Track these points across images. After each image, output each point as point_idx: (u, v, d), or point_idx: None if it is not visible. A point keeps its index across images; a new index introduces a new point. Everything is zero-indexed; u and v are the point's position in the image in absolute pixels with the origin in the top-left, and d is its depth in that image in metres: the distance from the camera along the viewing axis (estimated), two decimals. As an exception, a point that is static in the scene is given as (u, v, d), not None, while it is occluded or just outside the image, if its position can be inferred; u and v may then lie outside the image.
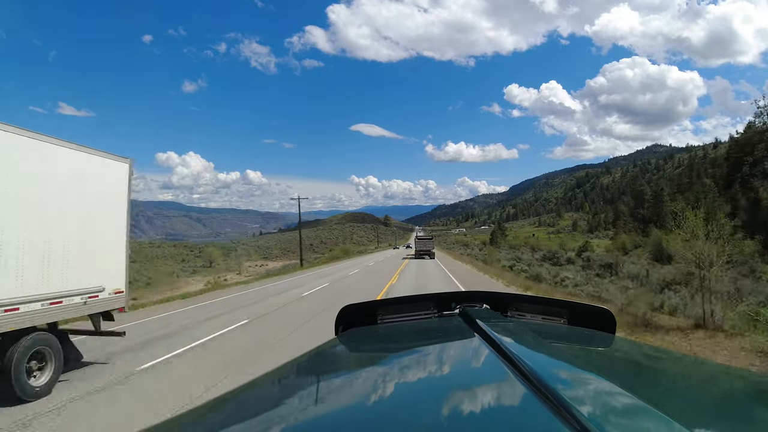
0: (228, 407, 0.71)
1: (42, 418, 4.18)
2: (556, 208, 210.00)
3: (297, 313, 10.41)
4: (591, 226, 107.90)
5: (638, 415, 0.51)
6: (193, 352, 6.79)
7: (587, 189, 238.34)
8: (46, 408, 4.40)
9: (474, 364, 0.82)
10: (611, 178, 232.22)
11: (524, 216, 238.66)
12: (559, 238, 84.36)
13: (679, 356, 1.18)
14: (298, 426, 0.58)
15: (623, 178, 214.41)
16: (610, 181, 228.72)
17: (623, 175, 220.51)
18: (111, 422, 4.18)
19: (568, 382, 0.61)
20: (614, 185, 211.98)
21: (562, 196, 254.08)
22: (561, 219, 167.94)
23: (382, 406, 0.64)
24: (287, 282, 19.95)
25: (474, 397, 0.63)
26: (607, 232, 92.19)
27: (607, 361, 0.93)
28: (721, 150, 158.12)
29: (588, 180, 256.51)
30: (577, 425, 0.46)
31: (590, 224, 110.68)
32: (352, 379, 0.82)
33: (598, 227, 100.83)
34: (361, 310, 1.28)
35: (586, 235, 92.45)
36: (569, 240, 75.44)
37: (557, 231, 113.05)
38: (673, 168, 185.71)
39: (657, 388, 0.73)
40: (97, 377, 5.42)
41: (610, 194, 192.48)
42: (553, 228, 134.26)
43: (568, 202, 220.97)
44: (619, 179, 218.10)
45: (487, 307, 1.22)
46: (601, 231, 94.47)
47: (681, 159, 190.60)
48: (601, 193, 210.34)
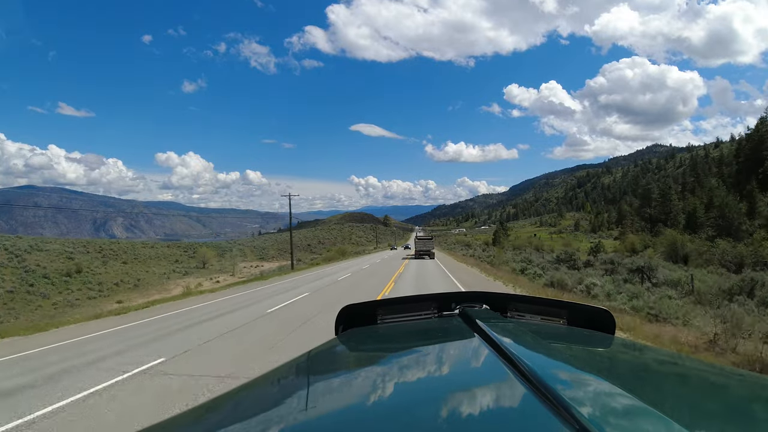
0: (227, 407, 0.71)
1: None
2: (557, 207, 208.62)
3: (233, 349, 6.78)
4: (594, 225, 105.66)
5: (638, 416, 0.51)
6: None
7: (588, 189, 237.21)
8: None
9: (474, 365, 0.83)
10: (612, 178, 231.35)
11: (525, 216, 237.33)
12: (561, 238, 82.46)
13: (678, 357, 1.19)
14: (297, 426, 0.58)
15: (624, 177, 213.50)
16: (611, 180, 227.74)
17: (624, 174, 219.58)
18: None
19: (567, 382, 0.61)
20: (615, 185, 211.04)
21: (562, 195, 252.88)
22: (563, 219, 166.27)
23: (382, 407, 0.64)
24: (265, 290, 17.15)
25: (474, 397, 0.63)
26: (610, 231, 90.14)
27: (607, 362, 0.93)
28: (724, 149, 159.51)
29: (589, 180, 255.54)
30: (576, 426, 0.46)
31: (593, 224, 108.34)
32: (351, 379, 0.82)
33: (601, 227, 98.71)
34: (361, 310, 1.28)
35: (589, 235, 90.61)
36: (572, 240, 73.55)
37: (559, 231, 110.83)
38: (674, 168, 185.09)
39: (656, 389, 0.73)
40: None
41: (612, 194, 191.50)
42: (555, 228, 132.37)
43: (569, 202, 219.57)
44: (620, 179, 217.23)
45: (486, 308, 1.23)
46: (605, 231, 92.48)
47: (682, 159, 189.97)
48: (602, 192, 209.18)
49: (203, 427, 0.64)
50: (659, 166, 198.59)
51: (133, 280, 37.30)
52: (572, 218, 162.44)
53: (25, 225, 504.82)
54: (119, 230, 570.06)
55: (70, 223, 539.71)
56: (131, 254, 49.43)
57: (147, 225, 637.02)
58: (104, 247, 48.80)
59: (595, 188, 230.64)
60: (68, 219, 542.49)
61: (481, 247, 60.41)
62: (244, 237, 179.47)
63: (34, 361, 6.50)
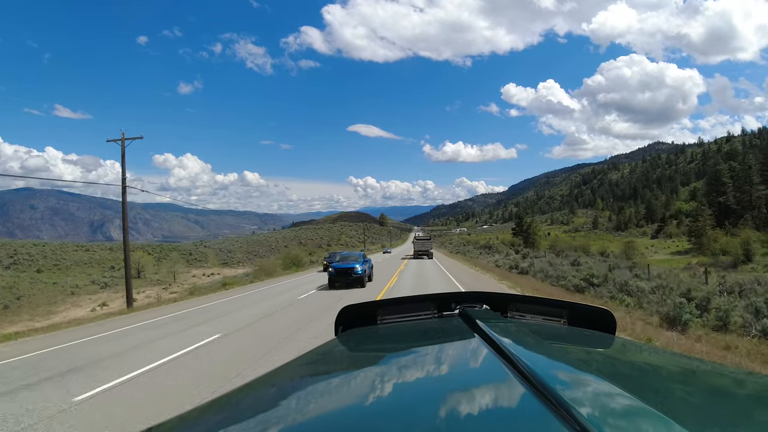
0: (227, 408, 0.71)
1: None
2: (562, 205, 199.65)
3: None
4: (619, 222, 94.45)
5: (638, 416, 0.50)
6: None
7: (595, 185, 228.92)
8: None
9: (474, 365, 0.82)
10: (620, 174, 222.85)
11: (528, 214, 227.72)
12: (582, 237, 72.53)
13: (679, 357, 1.16)
14: (297, 427, 0.58)
15: (632, 173, 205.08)
16: (619, 176, 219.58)
17: (632, 170, 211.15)
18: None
19: (567, 382, 0.60)
20: (624, 181, 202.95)
21: (567, 193, 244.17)
22: (575, 216, 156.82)
23: (383, 407, 0.64)
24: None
25: (474, 397, 0.62)
26: (641, 228, 79.12)
27: (607, 362, 0.93)
28: (735, 144, 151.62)
29: (594, 176, 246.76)
30: (576, 426, 0.46)
31: (618, 221, 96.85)
32: (351, 380, 0.82)
33: (627, 224, 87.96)
34: (361, 310, 1.28)
35: (615, 233, 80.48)
36: (596, 240, 63.38)
37: (575, 229, 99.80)
38: (685, 162, 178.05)
39: (657, 389, 0.73)
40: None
41: (621, 190, 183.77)
42: (568, 226, 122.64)
43: (575, 200, 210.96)
44: (628, 175, 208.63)
45: (486, 308, 1.23)
46: (633, 228, 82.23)
47: (694, 153, 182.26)
48: (611, 189, 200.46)
49: (203, 428, 0.63)
50: (669, 161, 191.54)
51: (11, 297, 27.36)
52: (585, 215, 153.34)
53: (23, 227, 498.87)
54: (117, 232, 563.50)
55: (68, 225, 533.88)
56: (54, 259, 40.31)
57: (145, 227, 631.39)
58: (22, 251, 39.80)
59: (602, 185, 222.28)
60: (65, 221, 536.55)
61: (514, 250, 43.32)
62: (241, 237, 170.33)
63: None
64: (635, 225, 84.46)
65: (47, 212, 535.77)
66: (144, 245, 60.65)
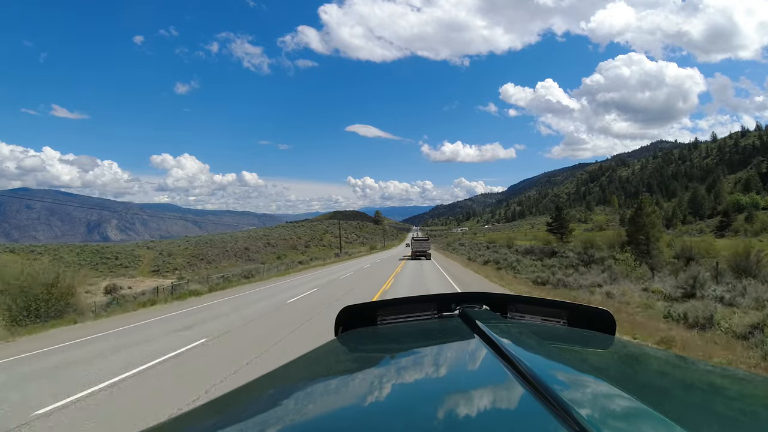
0: (227, 408, 0.71)
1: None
2: (571, 203, 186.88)
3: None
4: (667, 216, 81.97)
5: (637, 417, 0.50)
6: None
7: (604, 182, 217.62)
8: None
9: (473, 366, 0.82)
10: (630, 171, 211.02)
11: (532, 213, 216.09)
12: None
13: (678, 358, 1.16)
14: (297, 427, 0.58)
15: (644, 170, 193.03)
16: (629, 173, 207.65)
17: (643, 167, 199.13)
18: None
19: (567, 383, 0.60)
20: (635, 177, 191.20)
21: (574, 191, 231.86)
22: (593, 213, 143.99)
23: (382, 408, 0.64)
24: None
25: (473, 398, 0.62)
26: (687, 226, 66.74)
27: (607, 363, 0.93)
28: (750, 138, 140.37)
29: (602, 173, 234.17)
30: (576, 427, 0.45)
31: (665, 215, 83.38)
32: (351, 380, 0.81)
33: (673, 219, 75.62)
34: (361, 310, 1.28)
35: (665, 231, 68.03)
36: (700, 243, 50.71)
37: (599, 227, 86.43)
38: (700, 157, 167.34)
39: (656, 390, 0.72)
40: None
41: (633, 186, 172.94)
42: (587, 224, 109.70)
43: (582, 197, 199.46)
44: (639, 171, 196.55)
45: (486, 308, 1.23)
46: (679, 225, 69.94)
47: (709, 148, 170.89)
48: (621, 186, 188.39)
49: (203, 428, 0.63)
50: (682, 157, 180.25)
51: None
52: (603, 212, 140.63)
53: (19, 228, 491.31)
54: (114, 233, 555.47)
55: (65, 225, 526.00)
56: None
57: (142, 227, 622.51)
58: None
59: (611, 181, 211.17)
60: (62, 222, 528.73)
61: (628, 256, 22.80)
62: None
63: None
64: (681, 221, 72.87)
65: (44, 212, 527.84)
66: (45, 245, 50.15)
